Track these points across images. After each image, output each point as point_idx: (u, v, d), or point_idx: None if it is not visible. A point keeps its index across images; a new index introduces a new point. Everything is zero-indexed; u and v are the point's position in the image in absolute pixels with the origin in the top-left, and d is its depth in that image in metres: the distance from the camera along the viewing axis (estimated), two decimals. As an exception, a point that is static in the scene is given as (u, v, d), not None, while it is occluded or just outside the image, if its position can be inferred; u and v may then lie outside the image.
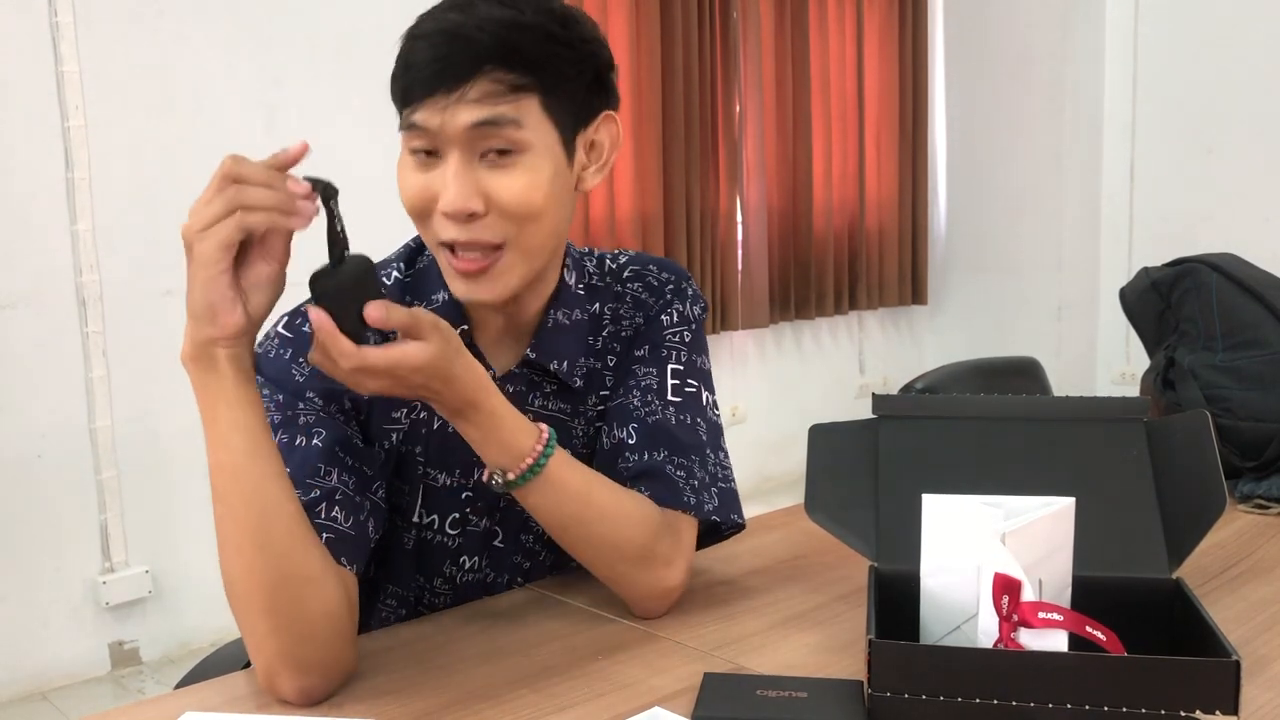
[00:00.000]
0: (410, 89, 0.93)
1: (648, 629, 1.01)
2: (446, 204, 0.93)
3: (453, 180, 0.92)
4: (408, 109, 0.94)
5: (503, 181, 0.93)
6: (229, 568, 0.85)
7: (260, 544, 0.84)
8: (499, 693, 0.88)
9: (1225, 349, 1.47)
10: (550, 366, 1.06)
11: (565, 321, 1.07)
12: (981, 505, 0.82)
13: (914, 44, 4.68)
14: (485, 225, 0.94)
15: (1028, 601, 0.75)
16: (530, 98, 0.93)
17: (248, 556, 0.84)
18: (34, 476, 2.67)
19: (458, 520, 1.07)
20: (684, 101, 3.83)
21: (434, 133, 0.93)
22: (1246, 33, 4.14)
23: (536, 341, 1.05)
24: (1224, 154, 4.24)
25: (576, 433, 1.10)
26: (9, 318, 2.63)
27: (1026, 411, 1.00)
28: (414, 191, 0.96)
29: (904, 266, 4.75)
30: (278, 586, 0.84)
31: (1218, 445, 0.92)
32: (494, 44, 0.91)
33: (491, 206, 0.94)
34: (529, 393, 1.07)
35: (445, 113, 0.91)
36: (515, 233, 0.95)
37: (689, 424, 1.07)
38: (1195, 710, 0.71)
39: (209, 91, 2.87)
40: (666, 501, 1.02)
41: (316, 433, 0.96)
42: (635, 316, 1.11)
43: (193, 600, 2.87)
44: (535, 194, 0.94)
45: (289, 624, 0.85)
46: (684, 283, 1.14)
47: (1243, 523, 1.30)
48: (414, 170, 0.96)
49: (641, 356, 1.10)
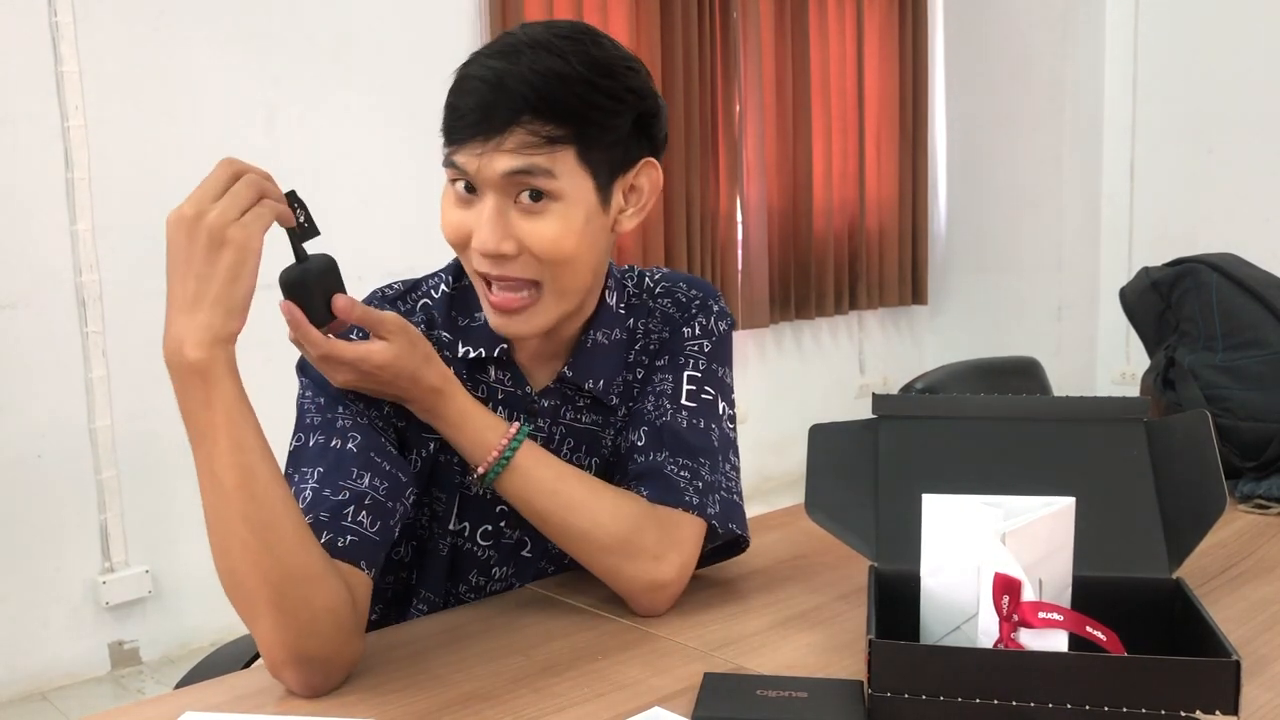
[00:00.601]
0: (453, 130, 0.96)
1: (648, 629, 1.01)
2: (479, 244, 0.96)
3: (485, 223, 0.96)
4: (450, 147, 0.97)
5: (535, 227, 0.96)
6: (234, 565, 0.85)
7: (269, 543, 0.84)
8: (499, 693, 0.88)
9: (1225, 349, 1.47)
10: (586, 386, 1.08)
11: (604, 341, 1.09)
12: (981, 505, 0.82)
13: (914, 44, 4.68)
14: (519, 265, 0.97)
15: (1028, 601, 0.75)
16: (566, 149, 0.95)
17: (254, 553, 0.84)
18: (34, 476, 2.67)
19: (490, 532, 1.10)
20: (684, 101, 3.83)
21: (472, 175, 0.96)
22: (1246, 33, 4.14)
23: (574, 360, 1.08)
24: (1224, 154, 4.24)
25: (606, 443, 1.12)
26: (9, 318, 2.63)
27: (1026, 411, 1.00)
28: (452, 226, 1.00)
29: (904, 266, 4.75)
30: (284, 584, 0.84)
31: (1218, 445, 0.92)
32: (532, 96, 0.92)
33: (523, 250, 0.97)
34: (563, 406, 1.09)
35: (482, 158, 0.94)
36: (549, 275, 0.98)
37: (701, 429, 1.08)
38: (1195, 710, 0.71)
39: (209, 91, 2.87)
40: (664, 500, 1.03)
41: (352, 437, 0.97)
42: (663, 331, 1.13)
43: (193, 600, 2.87)
44: (566, 241, 0.97)
45: (294, 620, 0.85)
46: (710, 300, 1.15)
47: (1243, 523, 1.30)
48: (454, 205, 0.99)
49: (661, 365, 1.11)
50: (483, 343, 1.06)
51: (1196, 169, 4.31)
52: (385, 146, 3.15)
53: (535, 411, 1.08)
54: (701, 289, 1.15)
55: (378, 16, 3.18)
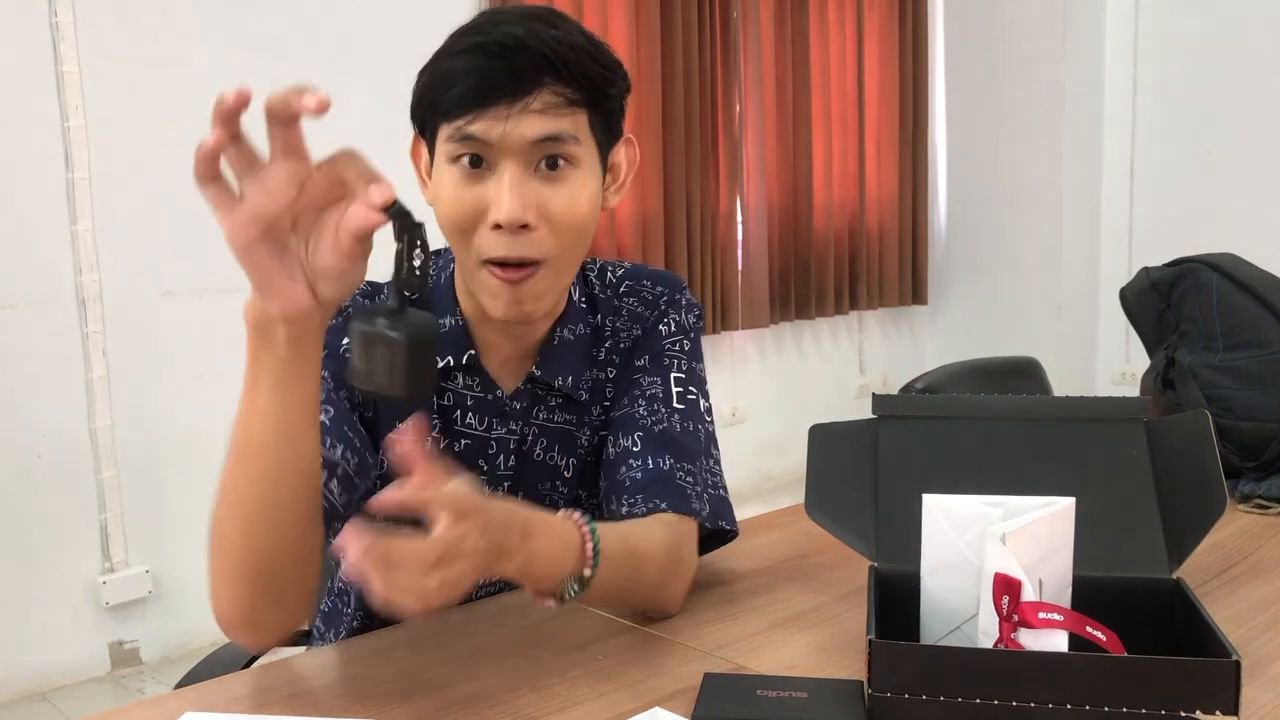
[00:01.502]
0: (464, 99, 0.92)
1: (648, 629, 1.01)
2: (503, 215, 0.92)
3: (509, 192, 0.92)
4: (459, 120, 0.92)
5: (556, 194, 0.94)
6: (228, 526, 0.84)
7: (267, 522, 0.83)
8: (499, 693, 0.88)
9: (1225, 349, 1.47)
10: (555, 384, 1.07)
11: (570, 337, 1.08)
12: (981, 505, 0.82)
13: (914, 44, 4.68)
14: (531, 241, 0.94)
15: (1028, 601, 0.75)
16: (581, 113, 0.95)
17: (253, 524, 0.83)
18: (34, 476, 2.67)
19: None
20: (684, 101, 3.83)
21: (492, 144, 0.92)
22: (1246, 33, 4.14)
23: (542, 359, 1.07)
24: (1224, 154, 4.24)
25: (581, 442, 1.11)
26: (9, 318, 2.63)
27: (1026, 411, 1.00)
28: (465, 203, 0.94)
29: (904, 266, 4.75)
30: (270, 561, 0.84)
31: (1218, 445, 0.92)
32: (554, 57, 0.92)
33: (542, 219, 0.94)
34: (534, 406, 1.08)
35: (507, 123, 0.91)
36: (556, 249, 0.96)
37: (691, 430, 1.08)
38: (1195, 710, 0.70)
39: (209, 91, 2.85)
40: (680, 508, 1.03)
41: (326, 410, 0.96)
42: (633, 329, 1.12)
43: (193, 600, 2.87)
44: (583, 208, 0.96)
45: (268, 593, 0.86)
46: (677, 293, 1.14)
47: (1243, 523, 1.30)
48: (462, 183, 0.94)
49: (643, 366, 1.11)
50: (449, 350, 1.04)
51: (1196, 169, 4.32)
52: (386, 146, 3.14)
53: (507, 414, 1.07)
54: (666, 283, 1.14)
55: (378, 16, 3.18)
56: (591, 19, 3.63)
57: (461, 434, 1.07)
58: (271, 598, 0.87)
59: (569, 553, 0.87)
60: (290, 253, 0.76)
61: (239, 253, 0.74)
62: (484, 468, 1.08)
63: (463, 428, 1.07)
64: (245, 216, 0.73)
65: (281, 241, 0.76)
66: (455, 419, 1.06)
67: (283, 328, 0.77)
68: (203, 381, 2.90)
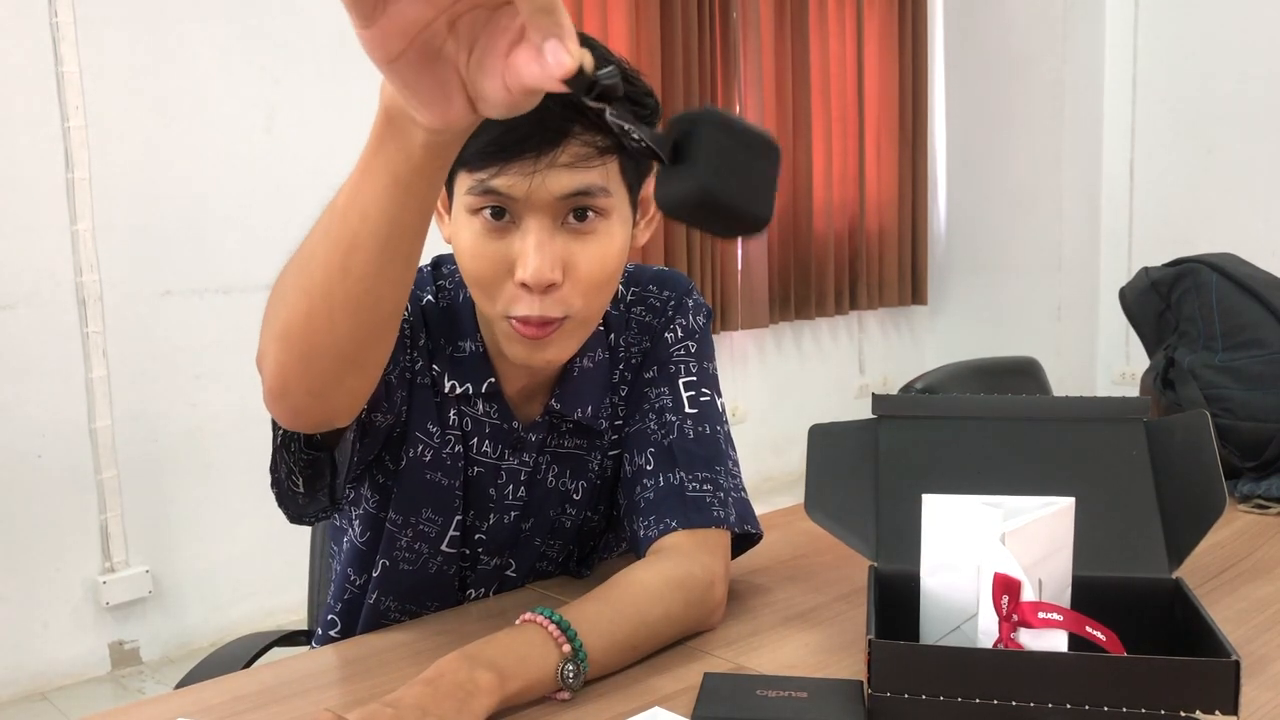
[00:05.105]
0: (487, 151, 0.86)
1: (648, 629, 1.01)
2: (529, 275, 0.87)
3: (535, 251, 0.87)
4: (481, 172, 0.87)
5: (582, 251, 0.90)
6: (297, 298, 0.72)
7: (349, 310, 0.71)
8: (499, 693, 0.88)
9: (1225, 349, 1.47)
10: (575, 416, 1.05)
11: (589, 366, 1.06)
12: (981, 505, 0.82)
13: (914, 44, 4.68)
14: (556, 300, 0.90)
15: (1028, 601, 0.75)
16: (613, 160, 0.90)
17: (334, 308, 0.71)
18: (34, 476, 2.67)
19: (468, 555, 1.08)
20: (684, 102, 3.83)
21: (517, 199, 0.87)
22: (1246, 33, 4.14)
23: (560, 392, 1.04)
24: (1224, 154, 4.24)
25: (592, 466, 1.09)
26: (9, 318, 2.63)
27: (1026, 411, 1.00)
28: (488, 260, 0.89)
29: (904, 266, 4.76)
30: (340, 342, 0.73)
31: (1218, 445, 0.92)
32: None
33: (568, 276, 0.90)
34: (549, 436, 1.07)
35: (533, 179, 0.86)
36: (583, 305, 0.92)
37: (707, 435, 1.05)
38: (1195, 710, 0.70)
39: (209, 91, 2.87)
40: (697, 523, 1.00)
41: None
42: (642, 341, 1.09)
43: (193, 600, 2.87)
44: (611, 264, 0.92)
45: (320, 379, 0.75)
46: (684, 296, 1.11)
47: (1243, 523, 1.30)
48: (484, 237, 0.89)
49: (651, 378, 1.08)
50: (470, 378, 1.01)
51: (1196, 169, 4.32)
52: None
53: (521, 446, 1.05)
54: (672, 286, 1.10)
55: (378, 16, 3.18)
56: (591, 19, 3.63)
57: (476, 461, 1.05)
58: (327, 388, 0.76)
59: (541, 646, 0.83)
60: (445, 61, 0.57)
61: (380, 66, 0.58)
62: (493, 496, 1.06)
63: (478, 455, 1.04)
64: (390, 27, 0.55)
65: (435, 48, 0.57)
66: (472, 446, 1.04)
67: (424, 133, 0.63)
68: (203, 381, 2.90)
